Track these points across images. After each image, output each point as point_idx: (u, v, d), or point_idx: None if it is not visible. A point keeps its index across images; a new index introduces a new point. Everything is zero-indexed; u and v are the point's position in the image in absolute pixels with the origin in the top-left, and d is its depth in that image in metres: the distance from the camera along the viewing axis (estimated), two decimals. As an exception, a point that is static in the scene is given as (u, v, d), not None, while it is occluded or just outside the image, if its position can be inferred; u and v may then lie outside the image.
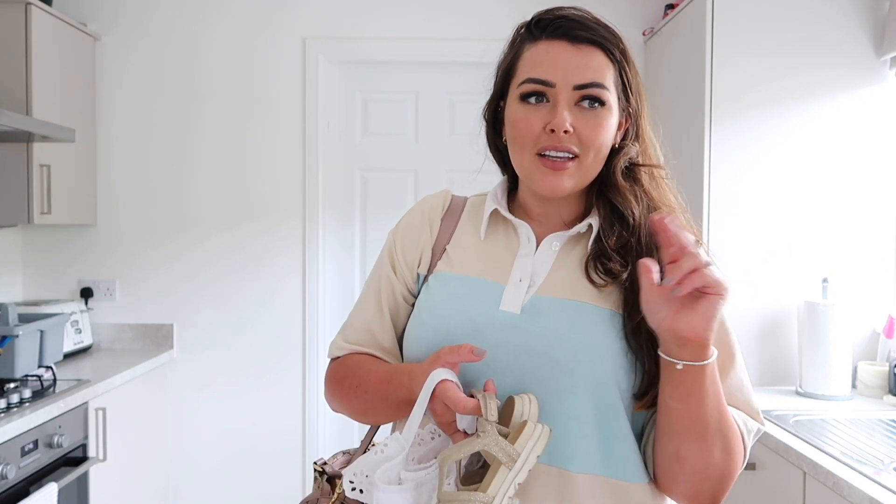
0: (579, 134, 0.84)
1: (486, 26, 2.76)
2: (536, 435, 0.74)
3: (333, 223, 2.89)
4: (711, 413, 0.77)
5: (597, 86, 0.84)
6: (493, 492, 0.71)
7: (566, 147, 0.84)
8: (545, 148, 0.84)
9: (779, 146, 2.10)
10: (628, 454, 0.83)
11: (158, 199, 2.82)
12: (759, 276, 2.09)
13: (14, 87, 2.31)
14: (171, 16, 2.79)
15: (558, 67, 0.84)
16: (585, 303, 0.84)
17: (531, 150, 0.86)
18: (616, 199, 0.87)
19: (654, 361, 0.80)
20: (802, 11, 2.09)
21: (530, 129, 0.85)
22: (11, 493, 1.79)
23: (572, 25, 0.85)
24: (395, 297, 0.97)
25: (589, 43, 0.84)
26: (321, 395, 2.78)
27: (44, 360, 2.19)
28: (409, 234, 0.98)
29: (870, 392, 2.01)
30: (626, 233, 0.85)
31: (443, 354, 0.80)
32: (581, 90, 0.83)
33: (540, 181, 0.86)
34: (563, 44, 0.85)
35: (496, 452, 0.72)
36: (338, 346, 0.99)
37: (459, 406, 0.75)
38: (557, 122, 0.82)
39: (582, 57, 0.84)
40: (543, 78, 0.84)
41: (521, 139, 0.86)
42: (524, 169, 0.88)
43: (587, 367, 0.81)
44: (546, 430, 0.75)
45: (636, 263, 0.82)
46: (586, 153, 0.84)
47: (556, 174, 0.85)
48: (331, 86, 2.86)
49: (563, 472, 0.81)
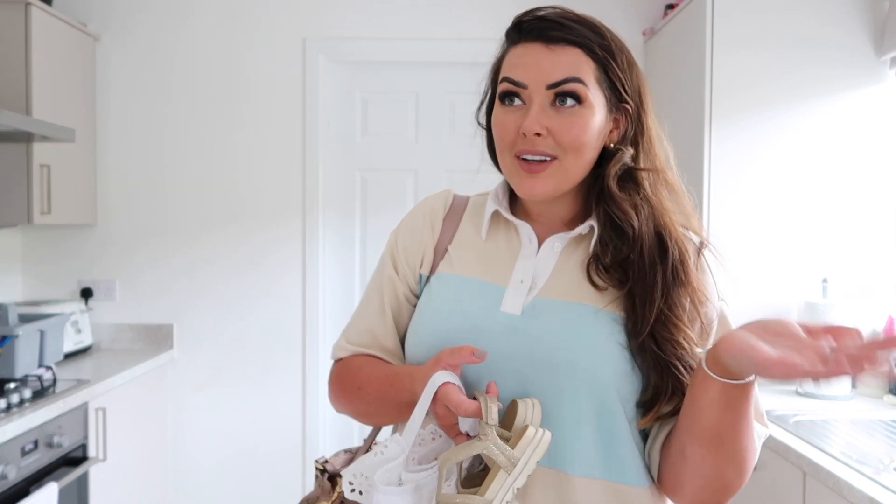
0: (555, 135, 0.82)
1: (486, 26, 2.75)
2: (537, 440, 0.73)
3: (333, 223, 2.89)
4: (746, 428, 0.76)
5: (571, 81, 0.81)
6: (492, 496, 0.71)
7: (540, 150, 0.82)
8: (521, 151, 0.83)
9: (779, 146, 2.10)
10: (628, 458, 0.82)
11: (158, 199, 2.82)
12: (759, 276, 2.09)
13: (14, 87, 2.30)
14: (172, 16, 2.79)
15: (530, 69, 0.83)
16: (586, 305, 0.83)
17: (509, 153, 0.85)
18: (613, 210, 0.84)
19: (655, 368, 0.79)
20: (802, 12, 2.09)
21: (507, 132, 0.85)
22: (11, 493, 1.79)
23: (547, 26, 0.83)
24: (398, 298, 0.96)
25: (564, 42, 0.82)
26: (321, 394, 2.80)
27: (44, 360, 2.19)
28: (411, 234, 0.97)
29: (870, 392, 2.02)
30: (625, 247, 0.83)
31: (444, 357, 0.80)
32: (554, 88, 0.82)
33: (518, 184, 0.86)
34: (537, 46, 0.83)
35: (496, 456, 0.72)
36: (340, 348, 0.99)
37: (461, 409, 0.74)
38: (527, 125, 0.81)
39: (555, 56, 0.82)
40: (516, 79, 0.83)
41: (500, 142, 0.86)
42: (506, 172, 0.88)
43: (587, 370, 0.80)
44: (547, 436, 0.74)
45: (636, 276, 0.82)
46: (565, 154, 0.83)
47: (533, 177, 0.83)
48: (331, 86, 2.86)
49: (562, 476, 0.81)
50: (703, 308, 0.83)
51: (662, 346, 0.79)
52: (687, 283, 0.82)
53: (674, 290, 0.81)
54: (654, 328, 0.80)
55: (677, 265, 0.82)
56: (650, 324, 0.80)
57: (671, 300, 0.81)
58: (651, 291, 0.81)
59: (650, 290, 0.81)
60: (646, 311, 0.80)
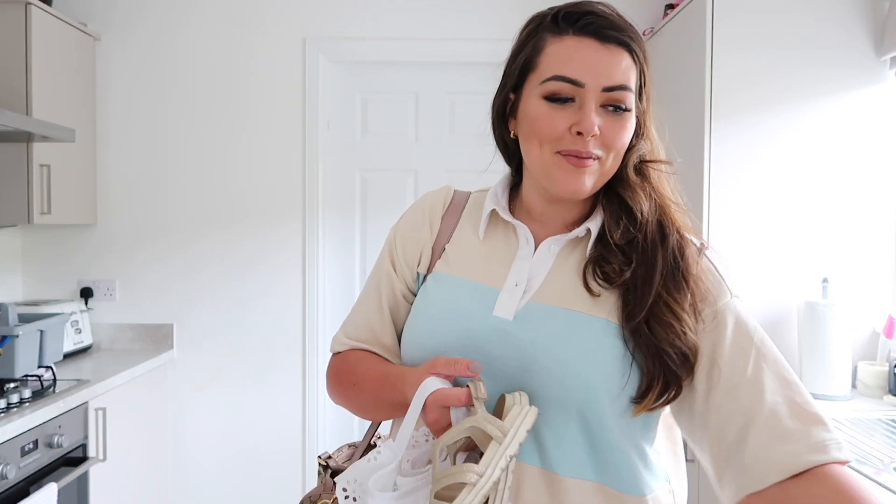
0: (604, 136, 0.81)
1: (487, 26, 2.76)
2: (524, 413, 0.75)
3: (333, 223, 2.89)
4: None
5: (624, 88, 0.81)
6: (486, 462, 0.71)
7: (590, 152, 0.81)
8: (571, 151, 0.81)
9: (779, 146, 2.10)
10: (622, 465, 0.81)
11: (158, 199, 2.82)
12: (759, 276, 2.09)
13: (14, 87, 2.31)
14: (172, 16, 2.79)
15: (588, 67, 0.80)
16: (578, 312, 0.82)
17: (551, 149, 0.83)
18: (626, 193, 0.85)
19: (653, 361, 0.79)
20: (802, 12, 2.08)
21: (553, 129, 0.81)
22: (11, 493, 1.79)
23: (602, 23, 0.81)
24: (395, 296, 0.96)
25: (618, 43, 0.81)
26: (321, 394, 2.81)
27: (44, 360, 2.19)
28: (410, 232, 0.97)
29: (870, 392, 2.01)
30: (633, 228, 0.84)
31: (439, 365, 0.79)
32: (609, 92, 0.80)
33: (561, 180, 0.83)
34: (592, 42, 0.81)
35: (486, 427, 0.73)
36: (339, 342, 0.99)
37: (452, 398, 0.75)
38: (587, 126, 0.79)
39: (611, 57, 0.81)
40: (574, 77, 0.80)
41: (540, 137, 0.83)
42: (542, 166, 0.84)
43: (576, 376, 0.79)
44: (534, 410, 0.76)
45: (640, 258, 0.82)
46: (608, 155, 0.83)
47: (579, 172, 0.82)
48: (331, 86, 2.86)
49: (553, 476, 0.81)
50: (701, 303, 0.83)
51: (656, 330, 0.79)
52: (685, 267, 0.83)
53: (674, 273, 0.82)
54: (651, 310, 0.80)
55: (676, 250, 0.83)
56: (647, 306, 0.80)
57: (671, 283, 0.81)
58: (652, 272, 0.81)
59: (651, 270, 0.81)
60: (645, 291, 0.81)
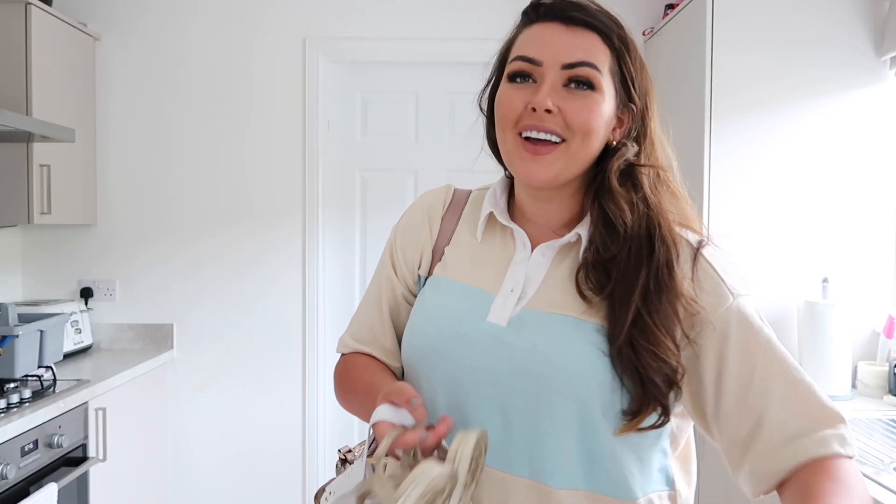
0: (565, 116, 0.79)
1: (487, 26, 2.75)
2: (466, 439, 0.72)
3: (333, 223, 2.89)
4: None
5: (586, 65, 0.79)
6: None
7: (548, 128, 0.79)
8: (526, 127, 0.79)
9: (779, 146, 2.10)
10: (614, 471, 0.80)
11: (158, 199, 2.81)
12: (758, 276, 2.09)
13: (14, 87, 2.30)
14: (172, 16, 2.79)
15: (547, 46, 0.80)
16: (572, 317, 0.80)
17: (512, 131, 0.81)
18: (608, 205, 0.81)
19: (631, 378, 0.76)
20: (802, 12, 2.08)
21: (513, 108, 0.81)
22: (11, 493, 1.79)
23: (568, 7, 0.81)
24: (396, 298, 0.96)
25: (584, 25, 0.80)
26: (321, 394, 2.81)
27: (44, 360, 2.19)
28: (410, 233, 0.96)
29: (870, 392, 2.01)
30: (613, 245, 0.79)
31: (392, 393, 0.78)
32: (569, 69, 0.79)
33: (519, 167, 0.82)
34: (556, 25, 0.81)
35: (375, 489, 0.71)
36: (343, 344, 0.99)
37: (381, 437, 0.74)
38: (538, 100, 0.78)
39: (574, 37, 0.80)
40: (530, 56, 0.80)
41: (502, 119, 0.82)
42: (506, 152, 0.84)
43: (569, 383, 0.78)
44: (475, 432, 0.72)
45: (619, 276, 0.78)
46: (573, 137, 0.79)
47: (536, 159, 0.79)
48: (331, 86, 2.86)
49: (543, 488, 0.79)
50: (690, 330, 0.78)
51: (640, 355, 0.75)
52: (670, 288, 0.78)
53: (655, 296, 0.77)
54: (632, 335, 0.76)
55: (662, 269, 0.78)
56: (626, 328, 0.76)
57: (651, 306, 0.77)
58: (630, 293, 0.77)
59: (630, 291, 0.77)
60: (621, 314, 0.77)
